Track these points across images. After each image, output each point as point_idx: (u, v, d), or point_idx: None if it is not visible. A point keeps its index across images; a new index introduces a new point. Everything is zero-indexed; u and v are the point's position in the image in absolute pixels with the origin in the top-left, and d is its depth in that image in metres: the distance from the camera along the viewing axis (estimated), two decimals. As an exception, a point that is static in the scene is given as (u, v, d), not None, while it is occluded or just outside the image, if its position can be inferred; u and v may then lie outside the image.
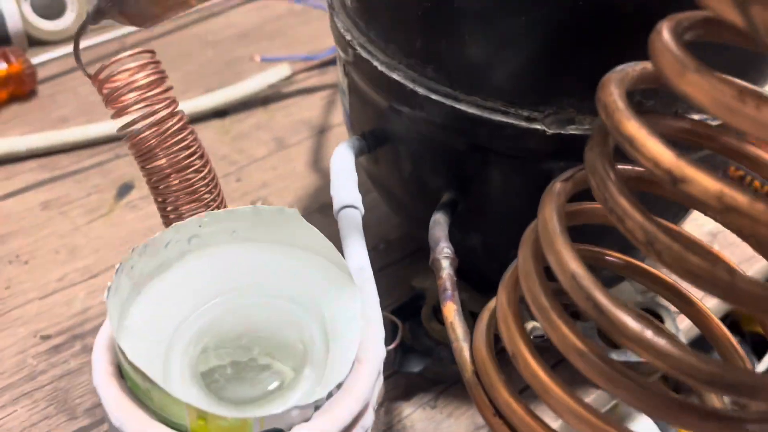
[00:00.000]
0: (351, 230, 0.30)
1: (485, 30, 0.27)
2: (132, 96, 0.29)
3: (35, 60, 0.59)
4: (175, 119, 0.30)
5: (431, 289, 0.42)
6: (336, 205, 0.31)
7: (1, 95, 0.57)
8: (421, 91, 0.30)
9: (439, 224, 0.31)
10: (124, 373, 0.24)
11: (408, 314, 0.40)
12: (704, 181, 0.15)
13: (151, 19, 0.25)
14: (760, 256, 0.25)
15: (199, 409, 0.22)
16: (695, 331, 0.35)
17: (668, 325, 0.37)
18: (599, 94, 0.20)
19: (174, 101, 0.30)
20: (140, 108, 0.29)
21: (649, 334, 0.17)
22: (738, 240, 0.25)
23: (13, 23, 0.61)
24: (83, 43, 0.61)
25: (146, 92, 0.29)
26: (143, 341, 0.25)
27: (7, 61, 0.57)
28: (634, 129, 0.17)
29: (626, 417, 0.53)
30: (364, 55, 0.32)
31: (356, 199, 0.31)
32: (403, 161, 0.35)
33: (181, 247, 0.27)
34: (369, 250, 0.31)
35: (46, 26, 0.65)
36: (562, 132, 0.28)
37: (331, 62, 0.63)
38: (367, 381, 0.24)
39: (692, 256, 0.17)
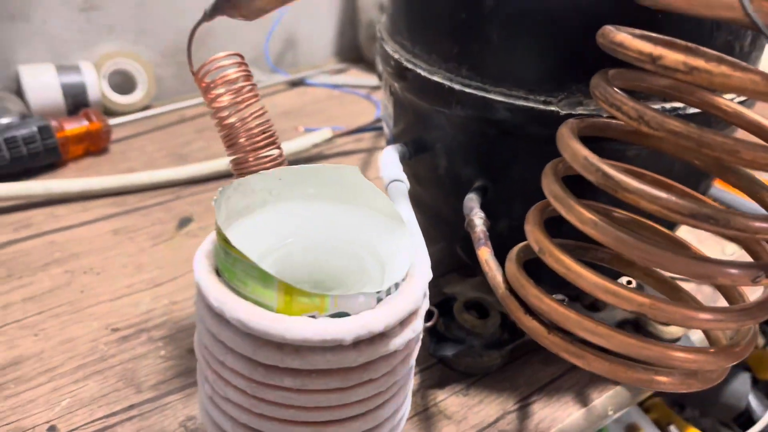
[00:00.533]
0: (399, 197, 0.36)
1: (510, 33, 0.35)
2: (223, 88, 0.36)
3: (112, 122, 0.68)
4: (257, 106, 0.37)
5: (461, 292, 0.47)
6: (386, 180, 0.37)
7: (78, 149, 0.66)
8: (457, 87, 0.37)
9: (472, 200, 0.37)
10: (221, 270, 0.29)
11: (441, 312, 0.45)
12: (673, 55, 0.22)
13: (257, 12, 0.33)
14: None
15: (287, 285, 0.27)
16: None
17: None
18: (599, 32, 0.27)
19: (256, 94, 0.37)
20: (229, 97, 0.36)
21: (645, 186, 0.23)
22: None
23: (93, 92, 0.70)
24: (151, 111, 0.70)
25: (233, 84, 0.36)
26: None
27: (89, 119, 0.65)
28: (622, 37, 0.24)
29: None
30: (410, 66, 0.39)
31: (402, 176, 0.37)
32: (440, 159, 0.41)
33: (264, 196, 0.33)
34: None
35: (119, 100, 0.74)
36: (573, 113, 0.34)
37: (366, 129, 0.71)
38: (418, 288, 0.29)
39: (671, 119, 0.22)
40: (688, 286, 0.38)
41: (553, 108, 0.35)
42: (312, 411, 0.29)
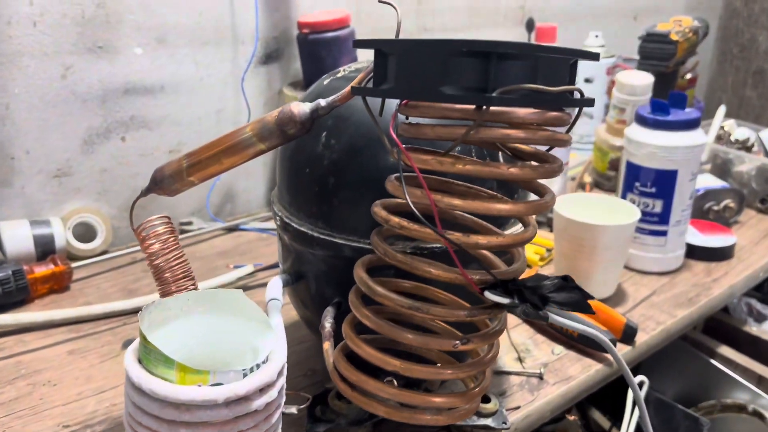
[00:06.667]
0: (273, 310, 0.52)
1: (344, 201, 0.53)
2: (154, 240, 0.53)
3: (74, 265, 0.83)
4: (177, 251, 0.53)
5: (336, 388, 0.61)
6: (267, 298, 0.53)
7: (43, 288, 0.80)
8: (316, 235, 0.54)
9: (327, 312, 0.53)
10: (141, 359, 0.44)
11: (320, 401, 0.59)
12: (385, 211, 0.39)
13: (176, 192, 0.50)
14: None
15: (182, 365, 0.42)
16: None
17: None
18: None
19: (178, 243, 0.54)
20: (156, 245, 0.53)
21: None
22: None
23: (59, 241, 0.86)
24: (107, 255, 0.85)
25: (162, 236, 0.53)
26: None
27: (55, 264, 0.81)
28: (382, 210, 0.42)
29: None
30: (287, 220, 0.57)
31: (279, 296, 0.53)
32: (311, 283, 0.57)
33: (177, 312, 0.49)
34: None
35: (81, 247, 0.90)
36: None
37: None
38: (273, 368, 0.44)
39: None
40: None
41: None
42: (200, 454, 0.43)
